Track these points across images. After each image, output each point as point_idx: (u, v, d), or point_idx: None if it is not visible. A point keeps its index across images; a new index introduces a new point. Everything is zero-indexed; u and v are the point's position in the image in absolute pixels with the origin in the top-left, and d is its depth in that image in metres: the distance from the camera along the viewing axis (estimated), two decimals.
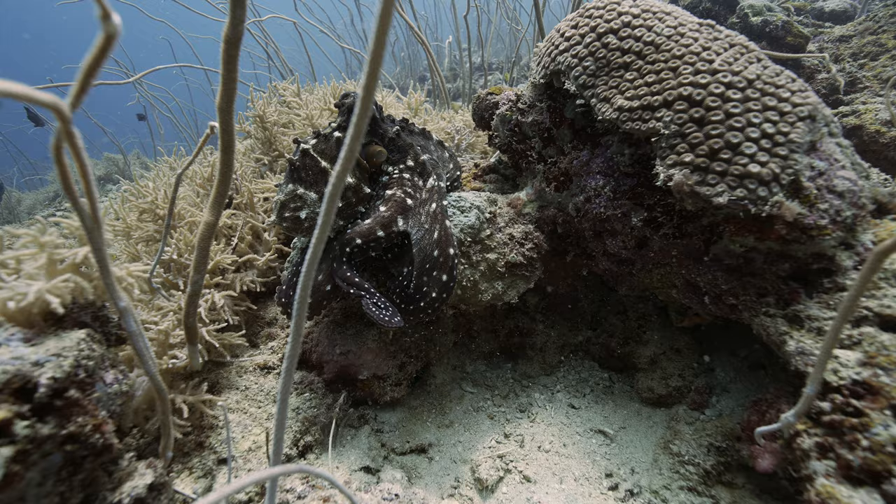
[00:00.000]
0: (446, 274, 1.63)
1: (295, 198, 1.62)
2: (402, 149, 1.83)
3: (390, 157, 1.81)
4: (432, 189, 1.80)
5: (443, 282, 1.62)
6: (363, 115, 0.74)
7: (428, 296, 1.61)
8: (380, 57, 0.68)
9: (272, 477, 0.93)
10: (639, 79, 1.58)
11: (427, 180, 1.82)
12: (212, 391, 1.83)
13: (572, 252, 2.06)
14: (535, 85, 1.98)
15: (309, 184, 1.63)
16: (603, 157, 1.78)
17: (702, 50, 1.54)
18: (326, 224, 0.80)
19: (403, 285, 1.67)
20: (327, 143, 1.68)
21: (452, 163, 2.15)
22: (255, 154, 2.61)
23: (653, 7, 1.68)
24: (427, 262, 1.63)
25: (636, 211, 1.70)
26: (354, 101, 1.74)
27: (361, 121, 0.78)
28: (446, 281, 1.62)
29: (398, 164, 1.81)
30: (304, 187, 1.62)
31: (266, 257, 2.12)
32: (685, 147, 1.45)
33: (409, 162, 1.82)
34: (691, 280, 1.70)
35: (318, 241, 0.81)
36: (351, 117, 1.77)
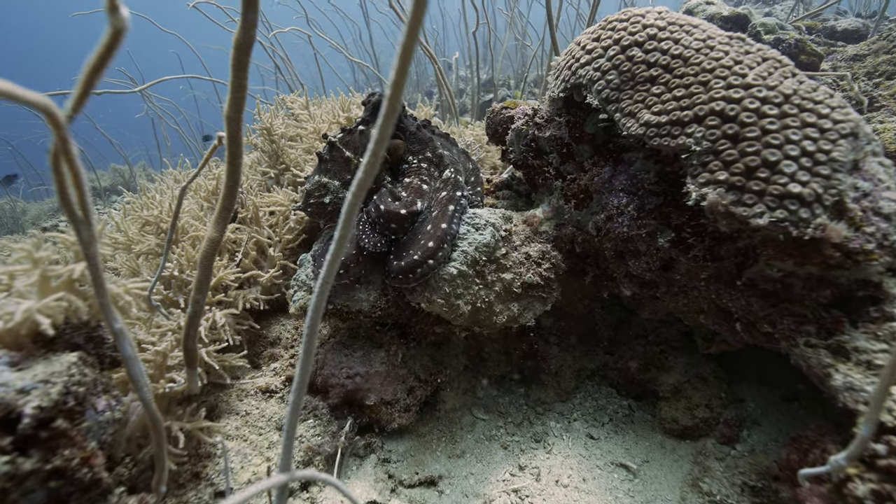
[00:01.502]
0: (433, 242, 1.65)
1: (320, 186, 1.77)
2: (423, 141, 1.94)
3: (410, 149, 1.92)
4: (447, 180, 1.87)
5: (428, 247, 1.64)
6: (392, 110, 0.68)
7: (410, 257, 1.64)
8: (410, 50, 0.62)
9: (280, 485, 0.84)
10: (666, 93, 1.51)
11: (443, 172, 1.89)
12: (210, 416, 1.73)
13: (591, 273, 1.96)
14: (553, 99, 1.91)
15: (333, 173, 1.77)
16: (626, 174, 1.69)
17: (733, 63, 1.46)
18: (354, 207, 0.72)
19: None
20: (352, 136, 1.82)
21: (474, 176, 2.10)
22: (261, 167, 2.54)
23: (679, 20, 1.61)
24: (419, 231, 1.72)
25: (663, 231, 1.61)
26: (380, 98, 1.70)
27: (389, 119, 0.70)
28: (432, 248, 1.64)
29: (417, 155, 1.92)
30: (329, 177, 1.77)
31: (270, 274, 2.03)
32: (719, 165, 1.36)
33: (428, 153, 1.92)
34: (722, 305, 1.60)
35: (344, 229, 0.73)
36: (377, 112, 1.68)
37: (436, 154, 1.93)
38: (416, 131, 1.95)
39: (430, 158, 1.93)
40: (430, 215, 1.78)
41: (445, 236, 1.68)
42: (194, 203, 2.23)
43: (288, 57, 6.90)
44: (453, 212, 1.75)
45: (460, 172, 1.94)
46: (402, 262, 1.65)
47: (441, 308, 1.69)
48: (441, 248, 1.66)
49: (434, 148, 1.94)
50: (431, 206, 1.80)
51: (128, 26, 0.74)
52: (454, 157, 1.99)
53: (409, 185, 1.82)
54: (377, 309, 1.77)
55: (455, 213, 1.76)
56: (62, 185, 0.90)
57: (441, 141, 2.02)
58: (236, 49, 1.02)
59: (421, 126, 1.97)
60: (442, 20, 14.13)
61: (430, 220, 1.75)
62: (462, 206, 1.83)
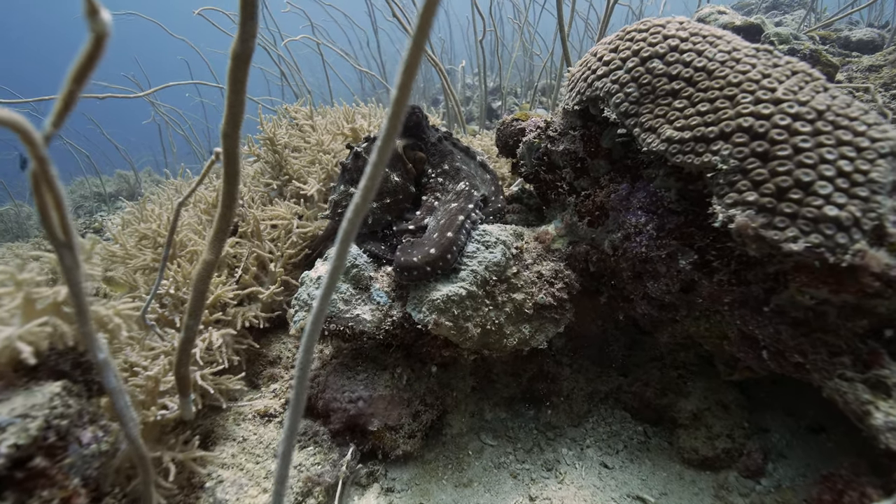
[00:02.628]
0: (435, 249, 1.62)
1: (348, 196, 1.79)
2: (443, 154, 1.96)
3: (431, 161, 1.94)
4: (460, 192, 1.86)
5: (430, 254, 1.62)
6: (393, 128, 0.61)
7: (411, 257, 1.63)
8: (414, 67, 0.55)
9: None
10: (689, 107, 1.43)
11: (458, 184, 1.90)
12: (205, 442, 1.64)
13: (606, 293, 1.87)
14: (567, 111, 1.83)
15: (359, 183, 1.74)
16: (645, 191, 1.61)
17: (761, 77, 1.38)
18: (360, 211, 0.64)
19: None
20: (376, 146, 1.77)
21: (494, 185, 2.08)
22: (264, 178, 2.47)
23: (702, 31, 1.53)
24: (424, 238, 1.72)
25: (684, 253, 1.52)
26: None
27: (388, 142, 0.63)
28: (434, 256, 1.61)
29: (437, 168, 1.93)
30: (356, 186, 1.67)
31: (271, 290, 1.95)
32: (747, 185, 1.28)
33: (445, 166, 1.94)
34: (747, 332, 1.50)
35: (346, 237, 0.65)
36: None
37: (453, 167, 1.94)
38: (437, 143, 1.95)
39: (447, 171, 1.94)
40: (437, 223, 1.76)
41: (451, 246, 1.63)
42: (193, 216, 2.16)
43: (296, 64, 6.88)
44: (462, 222, 1.71)
45: (476, 187, 1.91)
46: (402, 259, 1.63)
47: (449, 331, 1.61)
48: (444, 259, 1.62)
49: (452, 160, 1.95)
50: (440, 216, 1.79)
51: (110, 31, 0.67)
52: (471, 171, 2.01)
53: (423, 203, 1.88)
54: (381, 331, 1.68)
55: (464, 224, 1.71)
56: (43, 207, 0.83)
57: (461, 155, 2.03)
58: (234, 61, 0.95)
59: (442, 138, 1.98)
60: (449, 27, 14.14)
61: (438, 227, 1.73)
62: (472, 220, 1.77)
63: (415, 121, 1.89)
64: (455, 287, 1.62)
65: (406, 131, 1.86)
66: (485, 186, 2.02)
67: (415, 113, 1.88)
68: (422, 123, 1.89)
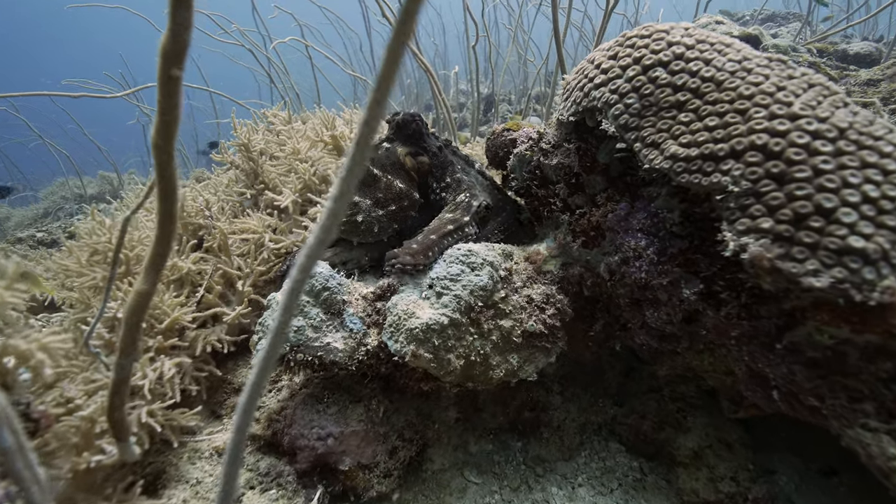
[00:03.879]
0: (409, 256, 1.61)
1: (351, 205, 1.69)
2: (443, 166, 1.91)
3: (433, 173, 1.89)
4: (459, 203, 1.84)
5: (411, 248, 1.63)
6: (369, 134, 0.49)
7: (395, 255, 1.63)
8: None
9: None
10: (696, 122, 1.29)
11: (458, 196, 1.87)
12: (154, 485, 1.47)
13: (602, 319, 1.73)
14: (561, 122, 1.69)
15: (363, 192, 1.72)
16: (645, 211, 1.47)
17: (776, 89, 1.25)
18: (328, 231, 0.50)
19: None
20: (377, 153, 1.79)
21: (495, 190, 2.07)
22: (237, 187, 2.31)
23: (709, 38, 1.40)
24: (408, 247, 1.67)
25: (689, 281, 1.38)
26: (403, 118, 1.80)
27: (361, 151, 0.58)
28: (409, 262, 1.60)
29: (440, 182, 1.90)
30: (359, 195, 1.71)
31: (237, 312, 1.79)
32: (762, 210, 1.14)
33: (448, 179, 1.90)
34: (756, 370, 1.36)
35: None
36: (400, 131, 1.81)
37: (454, 179, 1.91)
38: (438, 152, 1.90)
39: (449, 185, 1.91)
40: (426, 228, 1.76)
41: (434, 247, 1.65)
42: (153, 226, 1.98)
43: (285, 67, 6.72)
44: (450, 231, 1.70)
45: (475, 196, 1.88)
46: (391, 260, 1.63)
47: (429, 363, 1.45)
48: (425, 255, 1.63)
49: (453, 172, 1.92)
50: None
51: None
52: (471, 181, 1.97)
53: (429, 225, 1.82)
54: (354, 361, 1.52)
55: (453, 233, 1.70)
56: None
57: (461, 164, 1.99)
58: (164, 59, 0.79)
59: (443, 146, 1.93)
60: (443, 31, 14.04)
61: (424, 231, 1.73)
62: (465, 234, 1.74)
63: (414, 128, 1.82)
64: (436, 314, 1.47)
65: (406, 139, 1.83)
66: (483, 194, 1.96)
67: (415, 121, 1.82)
68: (422, 131, 1.84)
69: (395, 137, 1.84)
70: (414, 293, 1.56)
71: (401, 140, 1.83)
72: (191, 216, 2.02)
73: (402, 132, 1.83)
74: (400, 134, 1.83)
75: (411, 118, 1.82)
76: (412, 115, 1.83)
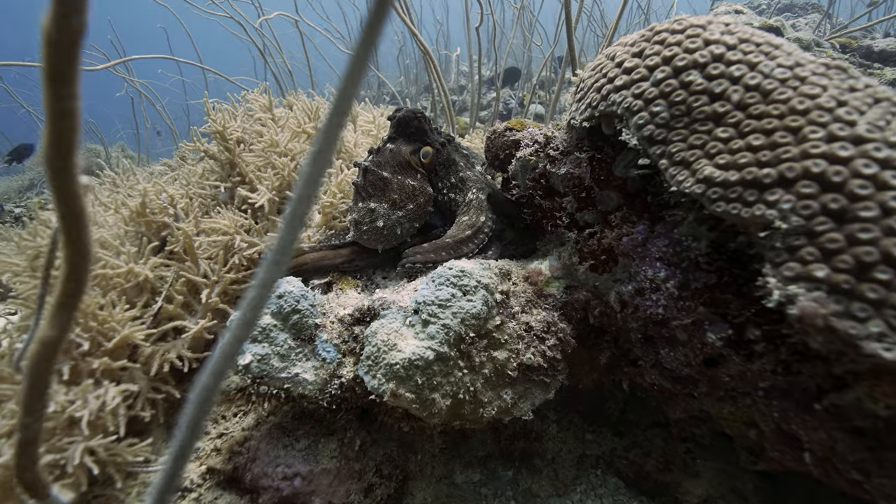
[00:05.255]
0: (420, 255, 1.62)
1: (368, 212, 1.69)
2: (447, 164, 1.86)
3: (437, 171, 1.84)
4: (470, 202, 1.79)
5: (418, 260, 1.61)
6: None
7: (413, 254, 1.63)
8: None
9: None
10: (737, 139, 1.08)
11: (467, 195, 1.82)
12: None
13: (608, 351, 1.55)
14: (573, 127, 1.48)
15: (377, 197, 1.71)
16: (667, 237, 1.27)
17: (836, 104, 1.04)
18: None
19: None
20: (382, 155, 1.76)
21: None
22: (210, 180, 2.09)
23: (754, 37, 1.18)
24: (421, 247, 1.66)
25: (714, 324, 1.19)
26: (405, 115, 1.77)
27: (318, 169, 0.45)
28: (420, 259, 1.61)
29: (445, 182, 1.85)
30: (374, 201, 1.70)
31: (201, 325, 1.59)
32: (815, 254, 0.94)
33: (452, 179, 1.86)
34: (787, 429, 1.19)
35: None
36: (401, 128, 1.77)
37: (458, 178, 1.86)
38: (441, 149, 1.82)
39: (454, 185, 1.85)
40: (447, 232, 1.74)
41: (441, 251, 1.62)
42: (114, 224, 1.77)
43: (278, 43, 6.39)
44: (469, 237, 1.67)
45: (483, 190, 1.82)
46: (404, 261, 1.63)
47: (410, 405, 1.27)
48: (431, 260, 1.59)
49: (457, 171, 1.86)
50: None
51: None
52: (476, 176, 1.89)
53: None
54: (326, 395, 1.34)
55: (472, 239, 1.67)
56: None
57: (463, 162, 1.91)
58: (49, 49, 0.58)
59: (445, 143, 1.84)
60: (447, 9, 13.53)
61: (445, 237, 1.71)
62: (484, 235, 1.70)
63: (416, 126, 1.77)
64: (421, 347, 1.28)
65: (409, 137, 1.79)
66: (489, 188, 1.89)
67: (416, 118, 1.77)
68: (424, 128, 1.79)
69: (398, 136, 1.80)
70: (397, 318, 1.37)
71: (404, 138, 1.79)
72: (154, 213, 1.81)
73: (404, 130, 1.78)
74: (402, 132, 1.78)
75: (412, 115, 1.77)
76: (413, 112, 1.78)
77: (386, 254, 1.77)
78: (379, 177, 1.71)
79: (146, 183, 1.83)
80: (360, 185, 1.74)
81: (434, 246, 1.63)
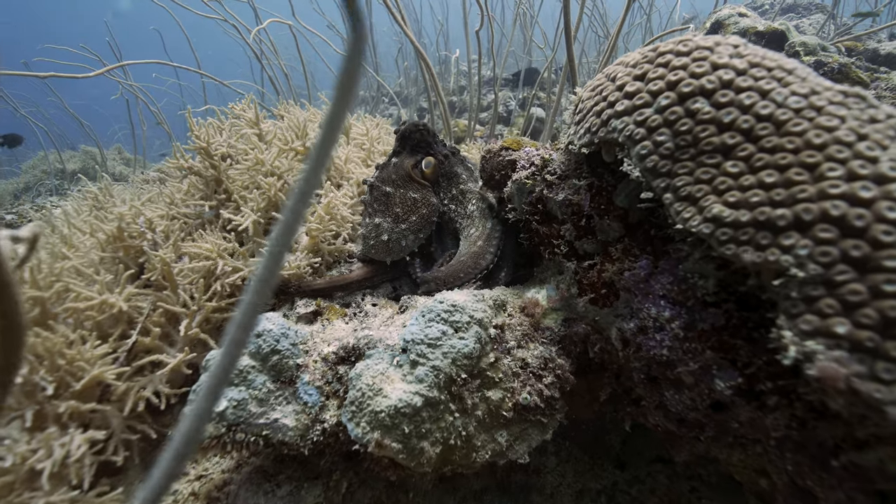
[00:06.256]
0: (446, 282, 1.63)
1: (374, 227, 1.75)
2: (449, 176, 1.87)
3: (440, 183, 1.86)
4: (471, 214, 1.81)
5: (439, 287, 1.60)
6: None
7: (432, 274, 1.66)
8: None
9: None
10: (748, 174, 1.00)
11: (467, 207, 1.83)
12: None
13: (608, 388, 1.47)
14: (571, 151, 1.40)
15: (382, 212, 1.76)
16: (671, 274, 1.19)
17: (856, 139, 0.95)
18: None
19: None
20: (386, 170, 1.81)
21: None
22: (195, 198, 2.00)
23: (765, 60, 1.09)
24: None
25: (723, 370, 1.11)
26: (410, 128, 1.81)
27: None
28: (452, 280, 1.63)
29: (447, 193, 1.86)
30: (379, 216, 1.75)
31: (179, 360, 1.51)
32: (835, 307, 0.86)
33: (454, 191, 1.86)
34: (802, 484, 1.10)
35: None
36: (405, 142, 1.81)
37: (459, 189, 1.86)
38: (444, 161, 1.85)
39: (455, 196, 1.86)
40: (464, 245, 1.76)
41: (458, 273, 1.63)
42: (91, 247, 1.68)
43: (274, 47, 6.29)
44: (483, 248, 1.69)
45: (484, 200, 1.81)
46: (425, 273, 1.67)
47: (397, 454, 1.19)
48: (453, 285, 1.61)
49: (458, 182, 1.87)
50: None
51: None
52: (479, 189, 1.86)
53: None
54: (308, 441, 1.26)
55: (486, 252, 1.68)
56: None
57: (466, 174, 1.91)
58: None
59: (449, 155, 1.87)
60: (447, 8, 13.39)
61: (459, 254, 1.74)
62: (497, 240, 1.71)
63: (419, 138, 1.82)
64: (409, 392, 1.20)
65: (412, 149, 1.83)
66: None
67: (419, 130, 1.82)
68: (428, 140, 1.84)
69: (402, 149, 1.84)
70: (384, 358, 1.29)
71: (408, 151, 1.83)
72: (133, 237, 1.72)
73: (407, 143, 1.82)
74: (406, 145, 1.83)
75: (415, 128, 1.82)
76: (416, 125, 1.82)
77: (401, 269, 1.83)
78: (383, 192, 1.77)
79: (125, 206, 1.74)
80: (367, 202, 1.80)
81: (451, 269, 1.63)
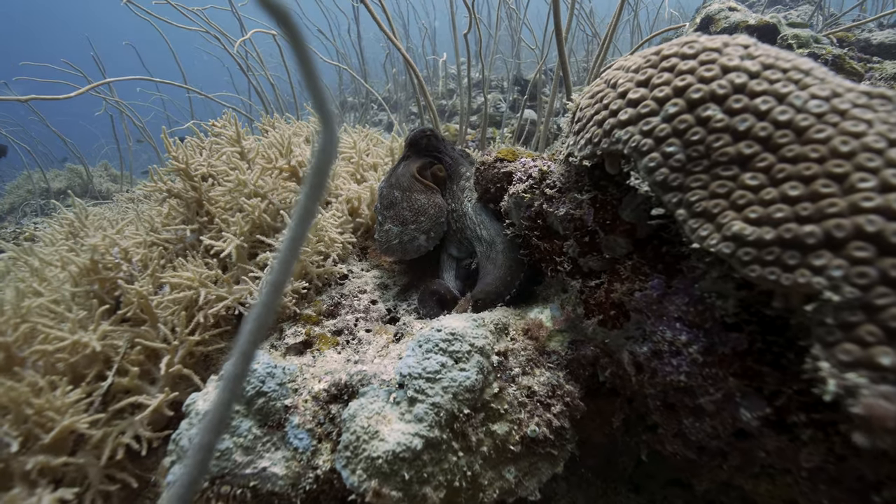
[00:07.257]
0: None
1: (385, 232, 1.82)
2: (452, 177, 1.93)
3: (446, 183, 1.92)
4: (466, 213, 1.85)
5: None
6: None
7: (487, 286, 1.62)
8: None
9: None
10: (769, 187, 0.91)
11: (462, 203, 1.85)
12: None
13: (621, 413, 1.37)
14: (570, 163, 1.31)
15: (391, 218, 1.81)
16: (687, 294, 1.10)
17: (886, 145, 0.87)
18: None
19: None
20: (394, 175, 1.87)
21: None
22: (175, 222, 1.90)
23: (779, 61, 1.01)
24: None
25: (748, 399, 1.02)
26: (416, 134, 1.90)
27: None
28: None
29: (448, 192, 1.90)
30: (389, 222, 1.81)
31: (160, 401, 1.41)
32: (877, 334, 0.77)
33: (454, 188, 1.90)
34: None
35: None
36: (413, 147, 1.90)
37: (459, 186, 1.90)
38: (452, 163, 1.92)
39: (454, 193, 1.89)
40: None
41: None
42: (65, 279, 1.58)
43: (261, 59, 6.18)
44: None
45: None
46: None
47: (397, 503, 1.09)
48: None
49: (459, 180, 1.91)
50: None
51: None
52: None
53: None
54: (300, 491, 1.16)
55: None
56: None
57: (469, 173, 1.91)
58: None
59: (457, 158, 1.94)
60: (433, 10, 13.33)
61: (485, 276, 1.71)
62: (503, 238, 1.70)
63: (426, 143, 1.89)
64: (408, 433, 1.10)
65: (421, 153, 1.90)
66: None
67: (425, 136, 1.89)
68: (435, 144, 1.91)
69: (411, 154, 1.91)
70: (379, 395, 1.19)
71: (416, 156, 1.90)
72: (108, 269, 1.62)
73: (415, 148, 1.89)
74: (414, 150, 1.90)
75: (422, 134, 1.89)
76: (423, 131, 1.89)
77: (423, 270, 1.87)
78: (392, 197, 1.82)
79: (97, 237, 1.63)
80: (378, 210, 1.86)
81: (484, 287, 1.60)
